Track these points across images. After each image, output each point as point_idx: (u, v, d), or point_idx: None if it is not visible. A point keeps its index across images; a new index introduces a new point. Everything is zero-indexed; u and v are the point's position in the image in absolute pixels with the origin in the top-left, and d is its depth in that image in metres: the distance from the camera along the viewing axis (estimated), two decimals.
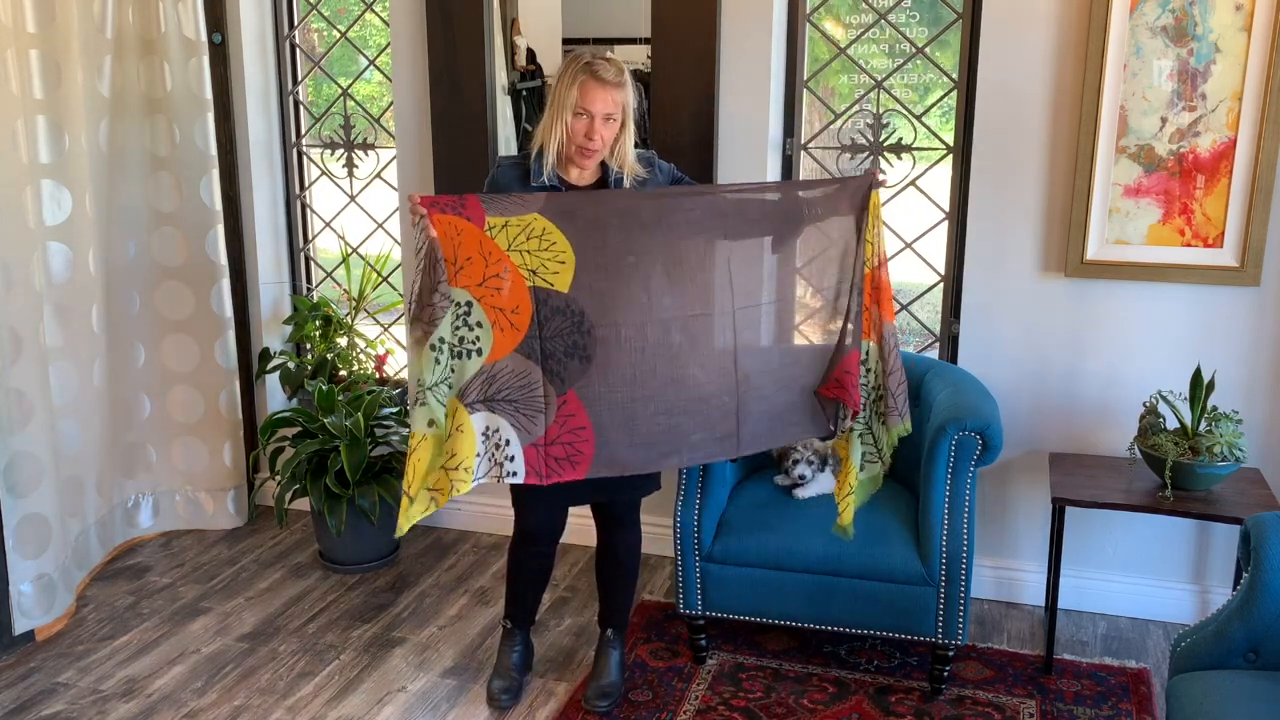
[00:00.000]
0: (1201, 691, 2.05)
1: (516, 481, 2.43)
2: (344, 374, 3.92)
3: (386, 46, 3.70)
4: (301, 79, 3.94)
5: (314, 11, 3.85)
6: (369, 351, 3.96)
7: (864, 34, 3.32)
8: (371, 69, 3.93)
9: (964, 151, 3.17)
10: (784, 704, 2.79)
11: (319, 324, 3.92)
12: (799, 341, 2.64)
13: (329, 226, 4.00)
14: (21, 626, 3.09)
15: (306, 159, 4.00)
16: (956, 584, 2.71)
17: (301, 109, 3.96)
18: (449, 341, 2.34)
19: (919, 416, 2.95)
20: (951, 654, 2.80)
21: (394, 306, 4.11)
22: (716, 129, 3.27)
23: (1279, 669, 2.11)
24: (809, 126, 3.43)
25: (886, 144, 3.32)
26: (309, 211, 4.04)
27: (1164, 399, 2.90)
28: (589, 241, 2.39)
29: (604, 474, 2.48)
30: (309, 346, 4.01)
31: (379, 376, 3.92)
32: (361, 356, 3.95)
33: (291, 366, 3.91)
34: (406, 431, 3.56)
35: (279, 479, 3.45)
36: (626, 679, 2.88)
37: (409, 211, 2.32)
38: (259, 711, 2.79)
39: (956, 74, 3.19)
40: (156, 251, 3.70)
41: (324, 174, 3.99)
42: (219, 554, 3.72)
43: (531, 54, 3.70)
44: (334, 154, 3.93)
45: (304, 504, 3.88)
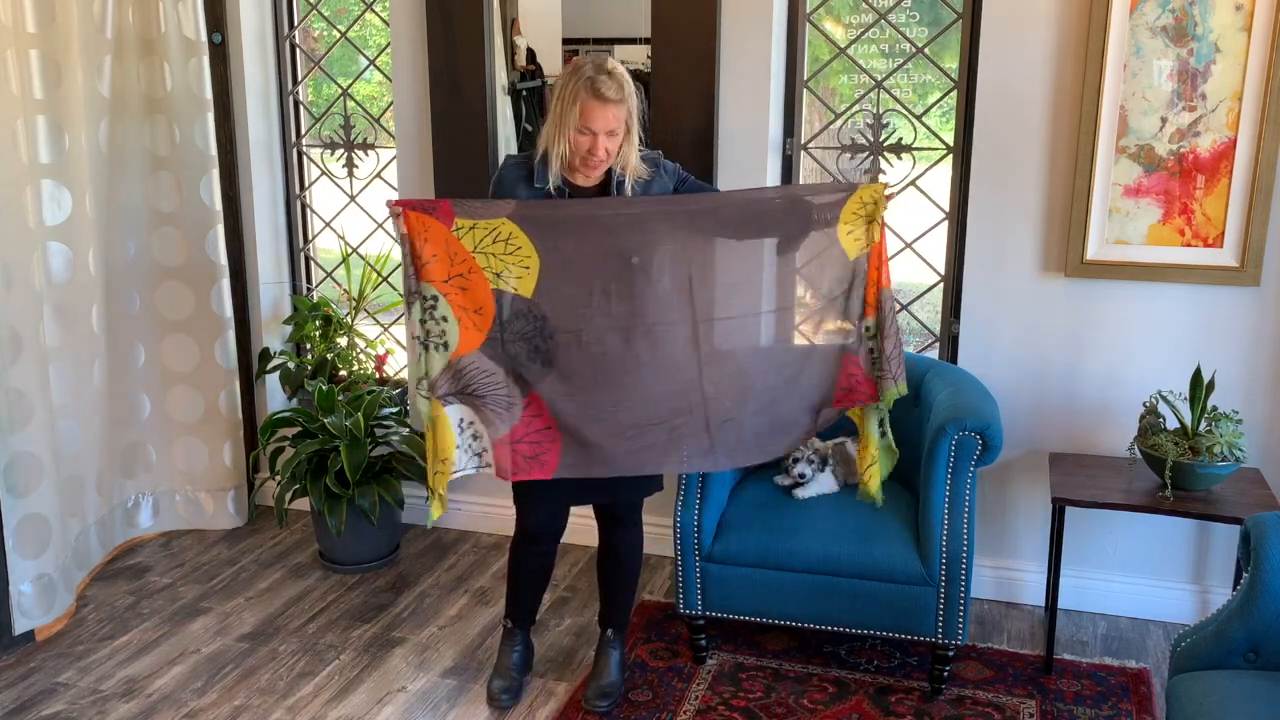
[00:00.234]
0: (1201, 691, 2.05)
1: (490, 472, 2.51)
2: (344, 374, 3.92)
3: (386, 46, 3.70)
4: (301, 79, 3.94)
5: (314, 11, 3.85)
6: (369, 351, 3.96)
7: (864, 34, 3.32)
8: (371, 69, 3.93)
9: (964, 151, 3.18)
10: (784, 704, 2.79)
11: (319, 324, 3.92)
12: (776, 352, 2.62)
13: (329, 226, 4.00)
14: (21, 626, 3.09)
15: (306, 159, 4.00)
16: (956, 584, 2.71)
17: (301, 109, 3.96)
18: (418, 335, 2.43)
19: (919, 417, 2.96)
20: (951, 654, 2.80)
21: (394, 306, 4.11)
22: (716, 129, 3.27)
23: (1279, 669, 2.11)
24: (809, 126, 3.43)
25: (886, 144, 3.32)
26: (309, 211, 4.03)
27: (1164, 399, 2.90)
28: (554, 248, 2.43)
29: (570, 475, 2.52)
30: (309, 346, 4.01)
31: (379, 376, 3.91)
32: (361, 356, 3.95)
33: (291, 366, 3.91)
34: (406, 431, 3.57)
35: (279, 479, 3.45)
36: (626, 679, 2.88)
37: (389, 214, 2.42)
38: (259, 711, 2.79)
39: (956, 74, 3.19)
40: (156, 251, 3.70)
41: (324, 174, 3.99)
42: (219, 554, 3.72)
43: (531, 54, 3.70)
44: (334, 154, 3.93)
45: (304, 504, 3.88)
